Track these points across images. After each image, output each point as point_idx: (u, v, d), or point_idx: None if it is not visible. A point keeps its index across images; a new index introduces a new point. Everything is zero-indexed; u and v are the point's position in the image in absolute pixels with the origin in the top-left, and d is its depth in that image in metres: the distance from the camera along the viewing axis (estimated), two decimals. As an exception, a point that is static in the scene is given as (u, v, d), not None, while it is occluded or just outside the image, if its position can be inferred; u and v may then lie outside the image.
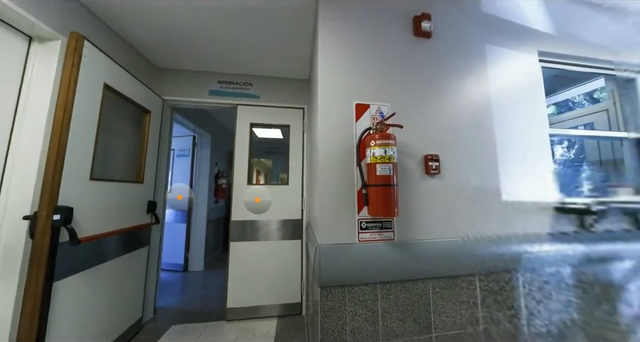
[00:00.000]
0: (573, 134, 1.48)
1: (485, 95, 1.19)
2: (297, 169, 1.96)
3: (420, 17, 1.14)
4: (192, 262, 2.85)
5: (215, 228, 3.41)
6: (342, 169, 1.01)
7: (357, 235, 0.98)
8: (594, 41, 1.42)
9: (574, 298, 1.13)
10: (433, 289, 1.01)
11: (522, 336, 1.05)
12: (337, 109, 1.04)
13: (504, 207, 1.13)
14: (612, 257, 1.19)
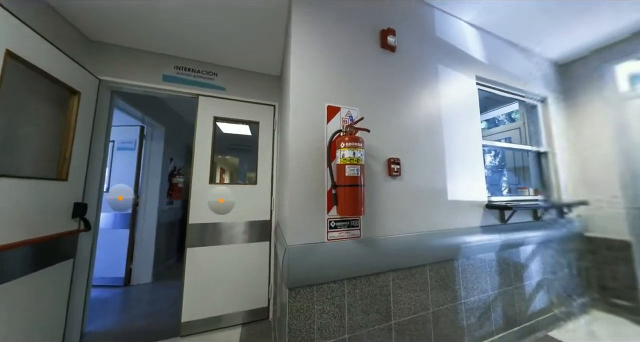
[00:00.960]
0: (498, 146, 1.84)
1: (437, 109, 1.38)
2: (266, 168, 1.88)
3: (387, 32, 1.24)
4: (136, 274, 2.42)
5: (168, 233, 2.99)
6: (313, 169, 1.01)
7: (327, 234, 1.00)
8: (513, 72, 1.80)
9: (496, 276, 1.41)
10: (393, 281, 1.11)
11: (460, 312, 1.25)
12: (309, 109, 1.04)
13: (449, 205, 1.33)
14: (520, 243, 1.53)
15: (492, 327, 1.34)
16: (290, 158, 0.99)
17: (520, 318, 1.45)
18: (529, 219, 1.64)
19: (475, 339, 1.27)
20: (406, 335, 1.10)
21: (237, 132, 2.06)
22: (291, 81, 1.03)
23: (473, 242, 1.31)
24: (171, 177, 3.07)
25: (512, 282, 1.47)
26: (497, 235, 1.41)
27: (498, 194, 1.97)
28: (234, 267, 1.70)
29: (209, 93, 1.79)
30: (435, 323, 1.17)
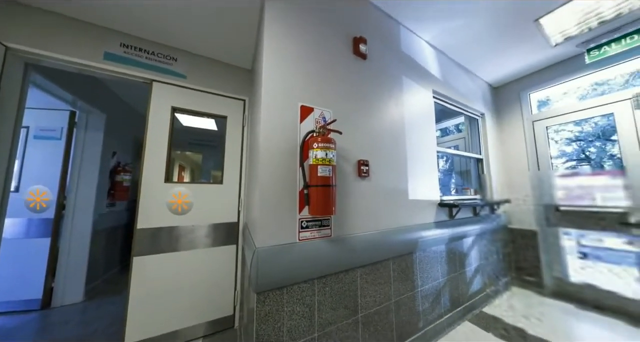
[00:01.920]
0: (448, 152, 2.13)
1: (401, 116, 1.52)
2: (234, 167, 1.76)
3: (359, 40, 1.31)
4: (60, 292, 1.95)
5: (108, 240, 2.51)
6: (285, 169, 1.00)
7: (298, 234, 0.99)
8: (461, 90, 2.12)
9: (446, 265, 1.62)
10: (361, 276, 1.17)
11: (417, 299, 1.39)
12: (282, 107, 1.02)
13: (409, 204, 1.47)
14: (463, 236, 1.79)
15: (441, 309, 1.53)
16: (262, 157, 0.95)
17: (462, 299, 1.70)
18: (470, 215, 1.94)
19: (428, 322, 1.43)
20: (371, 326, 1.17)
21: (201, 126, 1.86)
22: (263, 77, 1.00)
23: (428, 236, 1.48)
24: (114, 174, 2.59)
25: (457, 269, 1.71)
26: (446, 229, 1.63)
27: (448, 193, 2.28)
28: (195, 275, 1.53)
29: (165, 79, 1.58)
30: (397, 312, 1.28)
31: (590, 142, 8.10)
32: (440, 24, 1.64)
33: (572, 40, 1.79)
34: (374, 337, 1.17)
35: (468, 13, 1.55)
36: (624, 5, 1.44)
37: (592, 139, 7.99)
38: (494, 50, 1.95)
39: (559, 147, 6.07)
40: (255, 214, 0.95)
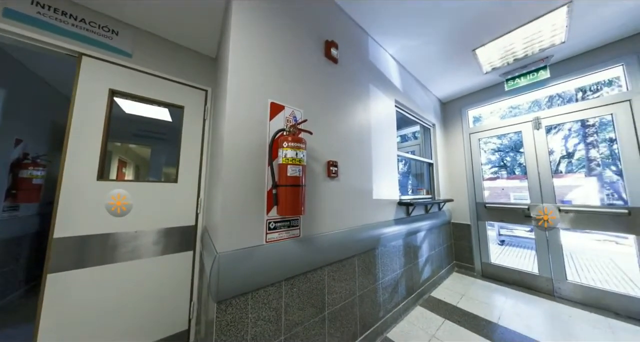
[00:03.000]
0: (406, 156, 2.39)
1: (367, 121, 1.63)
2: (192, 164, 1.57)
3: (330, 43, 1.35)
4: None
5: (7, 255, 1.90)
6: (252, 168, 0.95)
7: (265, 236, 0.95)
8: (417, 102, 2.40)
9: (403, 258, 1.80)
10: (328, 274, 1.19)
11: (378, 291, 1.50)
12: (250, 102, 0.97)
13: (373, 203, 1.58)
14: (417, 231, 2.03)
15: (398, 298, 1.69)
16: (226, 154, 0.88)
17: (415, 287, 1.91)
18: (422, 212, 2.21)
19: (387, 310, 1.56)
20: (337, 321, 1.20)
21: (152, 115, 1.60)
22: (230, 68, 0.93)
23: (389, 233, 1.62)
24: (17, 168, 1.99)
25: (412, 261, 1.92)
26: (404, 225, 1.81)
27: (405, 193, 2.54)
28: (139, 289, 1.30)
29: (102, 55, 1.30)
30: (360, 305, 1.36)
31: (506, 152, 10.29)
32: (402, 41, 1.83)
33: (497, 70, 2.23)
34: (340, 331, 1.21)
35: (423, 36, 1.77)
36: (529, 48, 1.88)
37: (508, 150, 10.19)
38: (443, 71, 2.28)
39: (487, 156, 7.48)
40: (218, 216, 0.87)
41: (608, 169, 8.03)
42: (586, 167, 8.50)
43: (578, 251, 4.02)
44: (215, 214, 0.96)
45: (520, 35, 1.73)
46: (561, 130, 9.05)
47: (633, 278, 2.69)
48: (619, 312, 1.73)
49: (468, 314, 1.74)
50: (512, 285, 2.26)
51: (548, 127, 2.23)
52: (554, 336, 1.47)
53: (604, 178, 7.64)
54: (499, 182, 5.84)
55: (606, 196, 7.29)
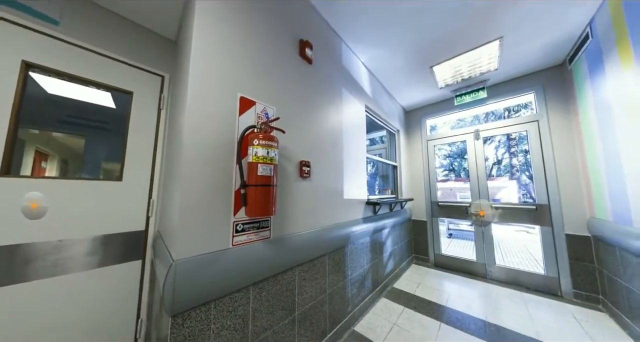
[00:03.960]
0: (374, 158, 2.56)
1: (340, 123, 1.68)
2: (142, 159, 1.36)
3: (305, 43, 1.35)
4: None
5: None
6: (218, 166, 0.87)
7: (232, 239, 0.89)
8: (385, 109, 2.60)
9: (369, 254, 1.91)
10: (299, 274, 1.18)
11: (347, 287, 1.56)
12: (216, 95, 0.90)
13: (344, 203, 1.64)
14: (383, 228, 2.19)
15: (365, 292, 1.79)
16: (187, 149, 0.79)
17: (380, 280, 2.06)
18: (387, 211, 2.39)
19: (355, 305, 1.64)
20: (307, 321, 1.20)
21: (88, 99, 1.32)
22: (193, 54, 0.84)
23: (358, 231, 1.70)
24: None
25: (378, 256, 2.06)
26: (371, 223, 1.93)
27: (373, 193, 2.72)
28: (65, 312, 1.05)
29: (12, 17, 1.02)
30: (330, 302, 1.39)
31: (455, 158, 11.93)
32: (373, 50, 1.96)
33: (449, 87, 2.59)
34: (309, 330, 1.21)
35: (391, 49, 1.93)
36: (472, 71, 2.24)
37: (456, 156, 11.81)
38: (407, 82, 2.53)
39: (440, 161, 8.56)
40: (175, 219, 0.77)
41: (523, 174, 10.18)
42: (509, 172, 10.61)
43: (503, 240, 4.94)
44: (172, 217, 0.85)
45: (466, 59, 2.04)
46: (493, 142, 11.05)
47: (537, 259, 3.45)
48: (529, 286, 2.19)
49: (423, 300, 1.95)
50: (457, 272, 2.63)
51: (485, 138, 2.69)
52: (485, 311, 1.78)
53: (520, 181, 9.67)
54: (449, 183, 6.81)
55: (522, 195, 9.24)
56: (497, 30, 1.69)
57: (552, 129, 2.16)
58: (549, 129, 2.17)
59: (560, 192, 2.08)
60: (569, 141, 2.06)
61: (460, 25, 1.64)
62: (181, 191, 0.77)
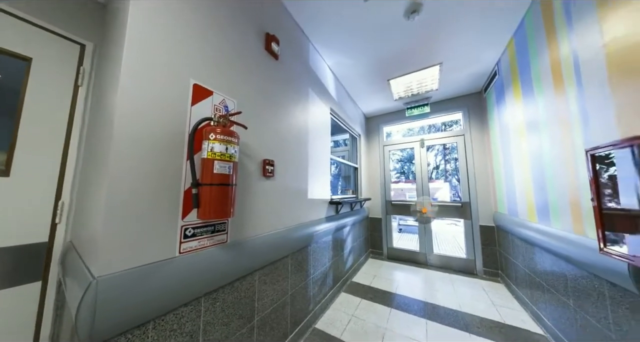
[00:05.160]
0: (338, 160, 2.68)
1: (305, 123, 1.70)
2: (45, 149, 1.03)
3: (272, 37, 1.31)
4: None
5: None
6: (162, 162, 0.75)
7: (179, 246, 0.78)
8: (348, 113, 2.76)
9: (331, 251, 1.98)
10: (259, 279, 1.12)
11: (309, 286, 1.57)
12: (163, 78, 0.78)
13: (308, 202, 1.65)
14: (344, 226, 2.30)
15: (326, 289, 1.84)
16: (118, 141, 0.65)
17: (341, 275, 2.15)
18: (348, 210, 2.54)
19: (316, 302, 1.66)
20: (267, 326, 1.15)
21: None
22: (129, 22, 0.70)
23: (321, 230, 1.74)
24: None
25: (339, 253, 2.16)
26: (334, 222, 2.01)
27: (336, 193, 2.83)
28: None
29: None
30: (292, 303, 1.37)
31: (405, 163, 13.52)
32: (339, 56, 2.06)
33: (402, 99, 2.95)
34: (270, 335, 1.16)
35: (355, 58, 2.07)
36: (420, 88, 2.62)
37: (406, 161, 13.41)
38: (368, 91, 2.75)
39: (393, 164, 9.61)
40: (99, 226, 0.62)
41: (454, 177, 12.52)
42: (444, 175, 12.86)
43: (439, 232, 5.92)
44: (93, 223, 0.68)
45: (416, 78, 2.37)
46: (434, 150, 13.19)
47: (461, 246, 4.28)
48: (455, 268, 2.69)
49: (378, 290, 2.15)
50: (405, 262, 3.01)
51: (428, 146, 3.18)
52: (425, 293, 2.09)
53: (452, 183, 11.88)
54: (400, 184, 7.76)
55: (452, 194, 11.36)
56: (438, 57, 2.03)
57: (473, 143, 2.72)
58: (471, 142, 2.74)
59: (477, 192, 2.64)
60: (483, 153, 2.65)
61: (412, 47, 1.90)
62: (108, 190, 0.62)
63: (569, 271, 1.21)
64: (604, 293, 0.98)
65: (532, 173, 1.56)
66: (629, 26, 0.80)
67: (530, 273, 1.67)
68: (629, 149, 0.71)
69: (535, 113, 1.48)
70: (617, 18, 0.85)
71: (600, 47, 0.93)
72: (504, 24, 1.63)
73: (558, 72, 1.22)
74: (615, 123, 0.88)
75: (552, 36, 1.26)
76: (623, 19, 0.82)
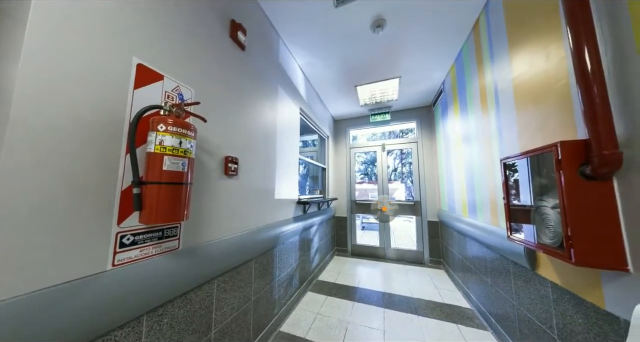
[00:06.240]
0: (306, 160, 2.68)
1: (274, 121, 1.65)
2: None
3: (238, 25, 1.21)
4: None
5: None
6: (89, 154, 0.62)
7: (112, 257, 0.65)
8: (318, 115, 2.80)
9: (298, 251, 1.97)
10: (218, 287, 1.03)
11: (274, 289, 1.52)
12: (92, 50, 0.64)
13: (275, 203, 1.61)
14: (312, 225, 2.32)
15: (292, 289, 1.82)
16: (19, 124, 0.50)
17: (307, 275, 2.16)
18: (316, 209, 2.57)
19: (282, 305, 1.62)
20: (227, 336, 1.06)
21: None
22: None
23: (288, 230, 1.71)
24: None
25: (305, 253, 2.16)
26: (301, 222, 2.00)
27: (304, 193, 2.84)
28: None
29: None
30: (255, 309, 1.30)
31: (368, 165, 14.51)
32: (310, 57, 2.08)
33: (367, 106, 3.16)
34: (227, 349, 1.07)
35: (325, 61, 2.12)
36: (382, 97, 2.87)
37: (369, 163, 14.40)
38: (336, 94, 2.86)
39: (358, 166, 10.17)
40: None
41: (408, 179, 14.22)
42: (401, 177, 14.47)
43: (396, 228, 6.58)
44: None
45: (379, 87, 2.59)
46: (393, 154, 14.68)
47: (413, 240, 4.86)
48: (408, 260, 3.04)
49: (342, 286, 2.24)
50: (367, 257, 3.23)
51: (388, 150, 3.50)
52: (383, 284, 2.29)
53: (407, 184, 13.46)
54: (364, 185, 8.32)
55: (407, 194, 12.88)
56: (399, 71, 2.27)
57: (424, 149, 3.13)
58: (423, 148, 3.14)
59: (426, 192, 3.05)
60: (431, 158, 3.07)
61: (377, 58, 2.06)
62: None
63: (488, 255, 1.51)
64: (509, 270, 1.26)
65: (465, 176, 1.90)
66: (526, 66, 1.06)
67: (463, 259, 2.02)
68: (525, 159, 0.94)
69: (468, 128, 1.81)
70: (520, 59, 1.12)
71: (511, 80, 1.20)
72: (447, 50, 1.94)
73: (484, 96, 1.52)
74: (517, 139, 1.15)
75: (480, 66, 1.57)
76: (524, 60, 1.09)
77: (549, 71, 0.92)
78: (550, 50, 0.91)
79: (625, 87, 0.64)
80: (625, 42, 0.64)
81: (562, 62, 0.85)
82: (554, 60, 0.89)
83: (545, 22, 0.94)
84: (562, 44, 0.85)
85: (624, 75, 0.64)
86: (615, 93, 0.66)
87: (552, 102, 0.91)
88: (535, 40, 1.00)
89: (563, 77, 0.85)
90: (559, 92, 0.88)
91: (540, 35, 0.96)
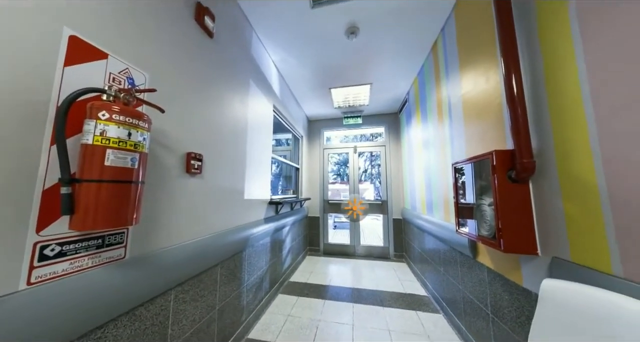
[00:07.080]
0: (279, 159, 2.62)
1: (244, 117, 1.56)
2: None
3: (205, 10, 1.11)
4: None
5: None
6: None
7: (28, 274, 0.52)
8: (292, 114, 2.77)
9: (269, 254, 1.90)
10: (176, 298, 0.92)
11: (242, 295, 1.44)
12: (3, 15, 0.51)
13: (245, 203, 1.52)
14: (284, 226, 2.27)
15: (262, 293, 1.75)
16: None
17: (278, 277, 2.11)
18: (289, 210, 2.53)
19: (250, 311, 1.55)
20: (183, 356, 0.95)
21: None
22: None
23: (258, 232, 1.64)
24: None
25: (277, 254, 2.10)
26: (273, 223, 1.94)
27: (276, 193, 2.76)
28: None
29: None
30: (220, 318, 1.20)
31: (341, 165, 14.95)
32: (285, 54, 2.04)
33: (340, 108, 3.26)
34: (186, 367, 0.97)
35: (300, 60, 2.11)
36: (355, 101, 3.00)
37: (342, 164, 14.87)
38: (311, 95, 2.87)
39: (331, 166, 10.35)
40: None
41: (377, 180, 15.24)
42: (371, 178, 15.41)
43: (365, 226, 6.96)
44: None
45: (352, 91, 2.70)
46: (364, 156, 15.52)
47: (380, 237, 5.22)
48: (376, 255, 3.25)
49: (313, 285, 2.25)
50: (338, 255, 3.32)
51: (359, 152, 3.68)
52: (352, 281, 2.39)
53: (376, 185, 14.42)
54: (336, 185, 8.59)
55: (375, 194, 13.82)
56: (370, 77, 2.41)
57: (391, 152, 3.40)
58: (390, 152, 3.40)
59: (392, 192, 3.31)
60: (397, 161, 3.35)
61: (351, 64, 2.15)
62: None
63: (441, 247, 1.73)
64: (457, 260, 1.46)
65: (425, 178, 2.13)
66: (472, 85, 1.26)
67: (422, 252, 2.26)
68: (470, 164, 1.11)
69: (427, 135, 2.03)
70: (468, 79, 1.31)
71: (460, 95, 1.40)
72: (412, 64, 2.15)
73: (440, 108, 1.73)
74: (465, 147, 1.34)
75: (438, 81, 1.78)
76: (471, 80, 1.28)
77: (488, 91, 1.11)
78: (490, 74, 1.09)
79: (538, 110, 0.81)
80: (537, 74, 0.81)
81: (497, 86, 1.03)
82: (492, 83, 1.08)
83: (486, 50, 1.12)
84: (498, 71, 1.03)
85: (537, 101, 0.82)
86: (532, 114, 0.83)
87: (490, 118, 1.09)
88: (479, 64, 1.19)
89: (498, 97, 1.03)
90: (495, 109, 1.06)
91: (483, 61, 1.15)
